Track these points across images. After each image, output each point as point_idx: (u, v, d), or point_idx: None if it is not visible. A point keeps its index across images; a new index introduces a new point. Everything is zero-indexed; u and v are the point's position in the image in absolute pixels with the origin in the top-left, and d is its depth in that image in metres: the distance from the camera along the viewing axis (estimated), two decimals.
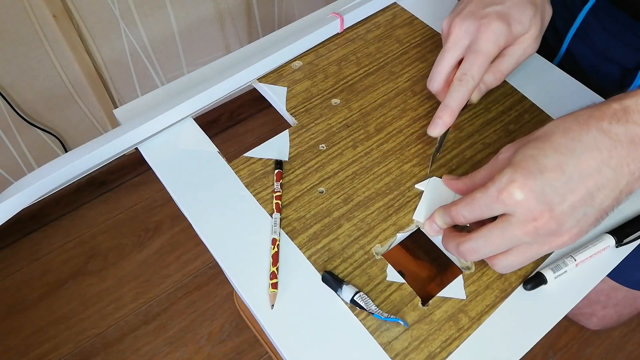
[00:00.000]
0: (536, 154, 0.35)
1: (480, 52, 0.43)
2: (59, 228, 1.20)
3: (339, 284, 0.40)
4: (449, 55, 0.45)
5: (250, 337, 1.07)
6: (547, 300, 0.41)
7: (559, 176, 0.33)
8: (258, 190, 0.47)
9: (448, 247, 0.40)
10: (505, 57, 0.46)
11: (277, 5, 1.18)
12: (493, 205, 0.35)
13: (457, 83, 0.44)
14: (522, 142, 0.37)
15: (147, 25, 0.99)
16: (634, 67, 0.58)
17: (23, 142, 1.02)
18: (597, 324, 0.91)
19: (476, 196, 0.36)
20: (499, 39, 0.44)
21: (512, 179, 0.34)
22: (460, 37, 0.45)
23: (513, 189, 0.34)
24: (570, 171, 0.33)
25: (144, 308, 1.10)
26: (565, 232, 0.35)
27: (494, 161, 0.39)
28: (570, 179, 0.33)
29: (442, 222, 0.41)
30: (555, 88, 0.54)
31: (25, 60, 0.89)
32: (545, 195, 0.33)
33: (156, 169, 0.48)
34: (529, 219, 0.34)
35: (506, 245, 0.36)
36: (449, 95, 0.44)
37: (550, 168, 0.34)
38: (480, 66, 0.44)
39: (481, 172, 0.41)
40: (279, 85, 0.54)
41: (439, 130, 0.44)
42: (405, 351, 0.39)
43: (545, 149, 0.35)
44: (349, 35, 0.59)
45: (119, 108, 0.52)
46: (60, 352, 1.04)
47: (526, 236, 0.35)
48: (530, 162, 0.34)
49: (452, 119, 0.44)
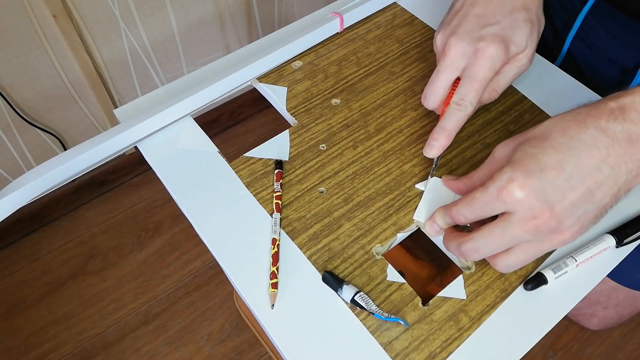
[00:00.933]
0: (536, 153, 0.35)
1: (477, 79, 0.43)
2: (59, 228, 1.20)
3: (339, 284, 0.40)
4: (444, 75, 0.45)
5: (250, 337, 1.07)
6: (548, 301, 0.41)
7: (559, 174, 0.34)
8: (258, 190, 0.47)
9: (449, 247, 0.40)
10: (500, 76, 0.46)
11: (277, 5, 1.18)
12: (493, 204, 0.35)
13: (455, 107, 0.43)
14: (518, 140, 0.37)
15: (147, 25, 0.99)
16: (633, 67, 0.58)
17: (23, 142, 1.02)
18: (598, 325, 0.91)
19: (476, 196, 0.36)
20: (495, 64, 0.43)
21: (512, 178, 0.34)
22: (455, 59, 0.44)
23: (513, 188, 0.34)
24: (571, 169, 0.34)
25: (144, 308, 1.10)
26: (566, 229, 0.35)
27: (491, 159, 0.39)
28: (571, 177, 0.34)
29: (443, 222, 0.41)
30: (556, 88, 0.54)
31: (25, 60, 0.89)
32: (545, 194, 0.34)
33: (156, 169, 0.48)
34: (529, 217, 0.34)
35: (507, 244, 0.36)
36: (446, 118, 0.44)
37: (550, 166, 0.34)
38: (478, 92, 0.43)
39: (479, 172, 0.41)
40: (279, 85, 0.54)
41: (435, 152, 0.44)
42: (405, 351, 0.39)
43: (545, 147, 0.35)
44: (349, 35, 0.59)
45: (119, 108, 0.52)
46: (60, 352, 1.04)
47: (527, 234, 0.35)
48: (530, 161, 0.34)
49: (449, 141, 0.44)
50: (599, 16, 0.59)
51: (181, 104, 0.49)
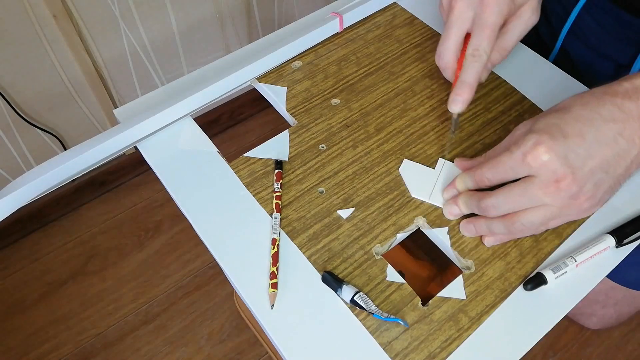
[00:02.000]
0: (558, 122, 0.37)
1: (487, 26, 0.44)
2: (59, 228, 1.20)
3: (339, 284, 0.40)
4: (455, 29, 0.46)
5: (250, 337, 1.06)
6: (547, 301, 0.41)
7: (580, 142, 0.36)
8: (258, 190, 0.47)
9: (469, 204, 0.42)
10: (507, 34, 0.47)
11: (277, 5, 1.18)
12: (518, 168, 0.37)
13: (470, 59, 0.44)
14: (539, 116, 0.39)
15: (147, 25, 0.99)
16: (628, 63, 0.58)
17: (23, 142, 1.02)
18: (597, 324, 0.91)
19: (502, 159, 0.38)
20: (502, 9, 0.44)
21: (538, 142, 0.36)
22: (463, 10, 0.45)
23: (539, 151, 0.36)
24: (591, 139, 0.36)
25: (144, 308, 1.10)
26: (583, 195, 0.37)
27: (510, 137, 0.40)
28: (591, 146, 0.36)
29: (464, 184, 0.42)
30: (556, 88, 0.54)
31: (25, 60, 0.89)
32: (568, 159, 0.36)
33: (156, 169, 0.48)
34: (552, 180, 0.36)
35: (526, 204, 0.38)
36: (464, 71, 0.44)
37: (572, 134, 0.36)
38: (490, 40, 0.44)
39: (497, 150, 0.42)
40: (278, 85, 0.54)
41: (459, 107, 0.45)
42: (405, 351, 0.39)
43: (567, 118, 0.37)
44: (349, 35, 0.59)
45: (119, 108, 0.52)
46: (60, 352, 1.04)
47: (547, 197, 0.37)
48: (554, 129, 0.37)
49: (471, 95, 0.45)
50: (593, 11, 0.59)
51: (181, 104, 0.49)
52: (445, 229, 0.44)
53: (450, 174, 0.47)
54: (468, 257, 0.43)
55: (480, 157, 0.44)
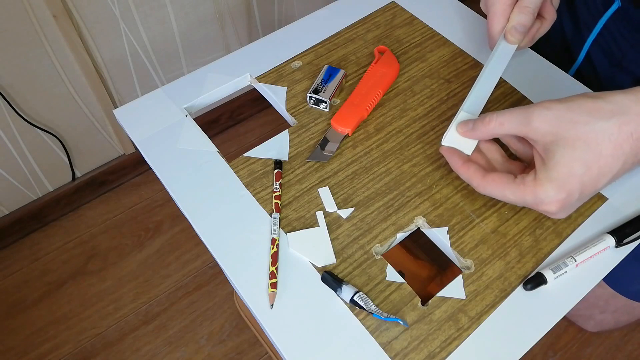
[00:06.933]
0: (582, 176, 0.37)
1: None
2: (59, 228, 1.20)
3: (339, 284, 0.40)
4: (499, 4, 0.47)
5: (250, 337, 1.06)
6: (547, 301, 0.41)
7: (591, 192, 0.38)
8: (258, 190, 0.47)
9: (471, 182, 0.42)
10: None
11: (277, 5, 1.18)
12: (526, 201, 0.39)
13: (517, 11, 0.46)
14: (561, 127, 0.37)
15: (147, 25, 0.99)
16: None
17: (23, 142, 1.02)
18: (595, 327, 0.91)
19: (516, 192, 0.39)
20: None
21: (555, 199, 0.37)
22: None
23: (552, 205, 0.38)
24: (602, 186, 0.38)
25: (144, 308, 1.10)
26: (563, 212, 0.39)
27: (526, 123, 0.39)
28: (595, 190, 0.38)
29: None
30: (556, 88, 0.54)
31: (25, 60, 0.89)
32: (570, 205, 0.38)
33: (156, 169, 0.48)
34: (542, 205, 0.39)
35: (513, 202, 0.40)
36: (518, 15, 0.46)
37: (590, 191, 0.38)
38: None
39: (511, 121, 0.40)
40: (278, 85, 0.54)
41: (518, 37, 0.46)
42: (404, 351, 0.39)
43: (592, 168, 0.37)
44: (348, 35, 0.59)
45: (119, 108, 0.52)
46: (60, 352, 1.04)
47: (533, 208, 0.40)
48: (575, 186, 0.37)
49: (530, 23, 0.46)
50: (619, 23, 0.59)
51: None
52: (445, 229, 0.44)
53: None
54: (468, 256, 0.43)
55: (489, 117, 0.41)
